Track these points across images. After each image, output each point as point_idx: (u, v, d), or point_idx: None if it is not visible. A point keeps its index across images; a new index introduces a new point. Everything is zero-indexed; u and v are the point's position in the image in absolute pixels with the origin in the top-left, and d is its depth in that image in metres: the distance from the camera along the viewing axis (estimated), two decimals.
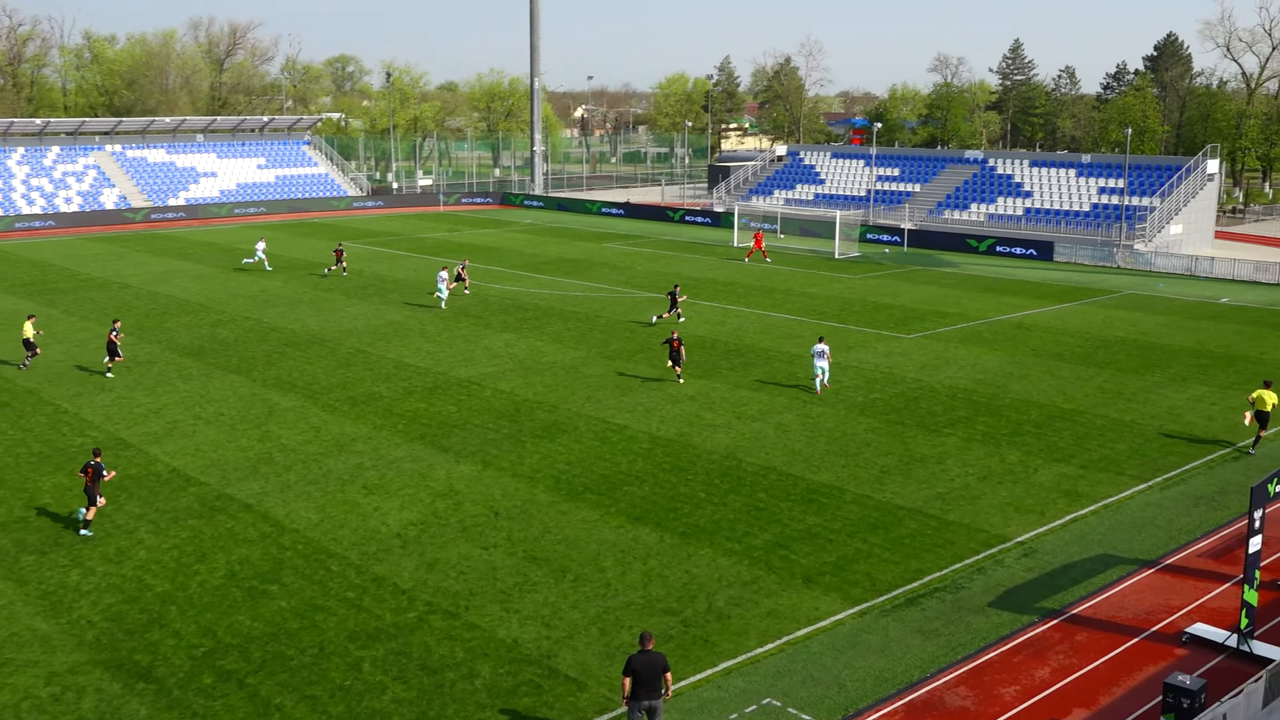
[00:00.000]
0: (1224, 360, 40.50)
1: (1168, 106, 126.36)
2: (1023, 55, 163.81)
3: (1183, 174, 73.61)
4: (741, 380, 37.02)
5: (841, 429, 31.61)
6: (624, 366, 38.82)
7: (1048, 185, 79.78)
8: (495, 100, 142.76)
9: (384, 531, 24.27)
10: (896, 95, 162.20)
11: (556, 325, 46.10)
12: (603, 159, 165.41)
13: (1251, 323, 47.77)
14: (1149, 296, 54.76)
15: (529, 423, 32.09)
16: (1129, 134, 75.93)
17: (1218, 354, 41.50)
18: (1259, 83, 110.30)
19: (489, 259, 66.14)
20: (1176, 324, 47.40)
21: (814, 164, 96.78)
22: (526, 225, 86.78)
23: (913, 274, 61.94)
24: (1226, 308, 51.63)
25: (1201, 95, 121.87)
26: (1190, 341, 43.73)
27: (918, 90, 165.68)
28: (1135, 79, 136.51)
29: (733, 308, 50.31)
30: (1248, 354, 41.54)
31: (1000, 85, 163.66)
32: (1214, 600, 21.29)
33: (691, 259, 67.16)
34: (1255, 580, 18.93)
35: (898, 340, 43.65)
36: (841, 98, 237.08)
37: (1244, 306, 51.91)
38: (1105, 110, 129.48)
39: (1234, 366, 39.52)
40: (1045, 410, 33.66)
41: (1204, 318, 48.91)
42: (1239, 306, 51.92)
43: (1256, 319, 48.69)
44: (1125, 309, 51.11)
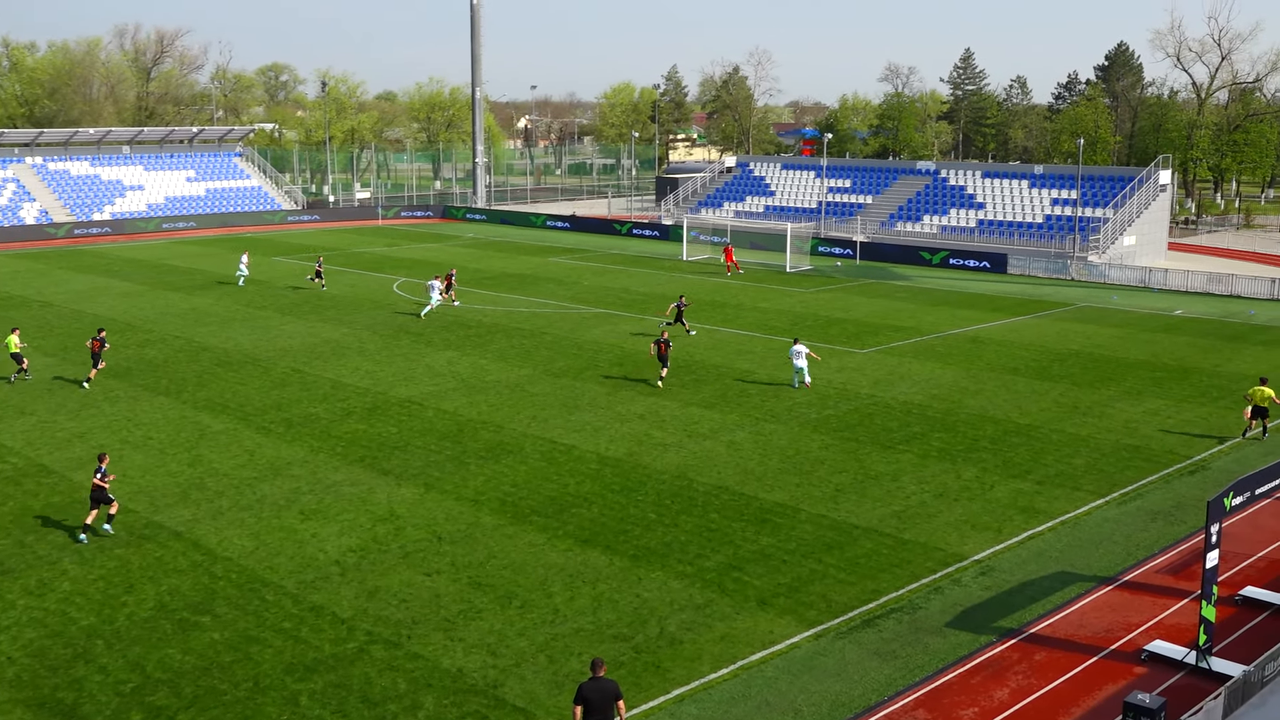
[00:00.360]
0: (1179, 373, 41.24)
1: (1119, 117, 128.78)
2: (974, 65, 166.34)
3: (1135, 185, 75.00)
4: (692, 398, 37.10)
5: (795, 447, 31.76)
6: (571, 385, 38.76)
7: (1000, 196, 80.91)
8: (435, 110, 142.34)
9: (322, 558, 24.01)
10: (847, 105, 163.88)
11: (501, 342, 45.95)
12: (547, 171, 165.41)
13: (1205, 335, 48.70)
14: (1103, 309, 55.65)
15: (473, 443, 31.92)
16: (1081, 144, 77.28)
17: (1172, 367, 42.25)
18: (1209, 93, 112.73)
19: (430, 274, 65.82)
20: (1131, 337, 48.20)
21: (764, 175, 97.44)
22: (469, 239, 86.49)
23: (865, 287, 62.49)
24: (1180, 320, 52.60)
25: (1153, 105, 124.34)
26: (1145, 354, 44.49)
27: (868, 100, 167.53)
28: (1087, 89, 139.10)
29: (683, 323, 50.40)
30: (1202, 366, 42.34)
31: (951, 95, 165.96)
32: (1172, 617, 21.61)
33: (639, 273, 67.27)
34: (1213, 596, 19.24)
35: (851, 355, 43.98)
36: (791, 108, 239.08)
37: (1198, 318, 52.92)
38: (1057, 120, 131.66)
39: (1189, 379, 40.25)
40: (1001, 425, 34.06)
41: (1158, 330, 49.79)
42: (1193, 318, 52.92)
43: (1210, 331, 49.65)
44: (1080, 322, 51.89)
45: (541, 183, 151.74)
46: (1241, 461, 30.75)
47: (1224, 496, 18.93)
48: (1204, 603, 19.20)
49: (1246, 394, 33.56)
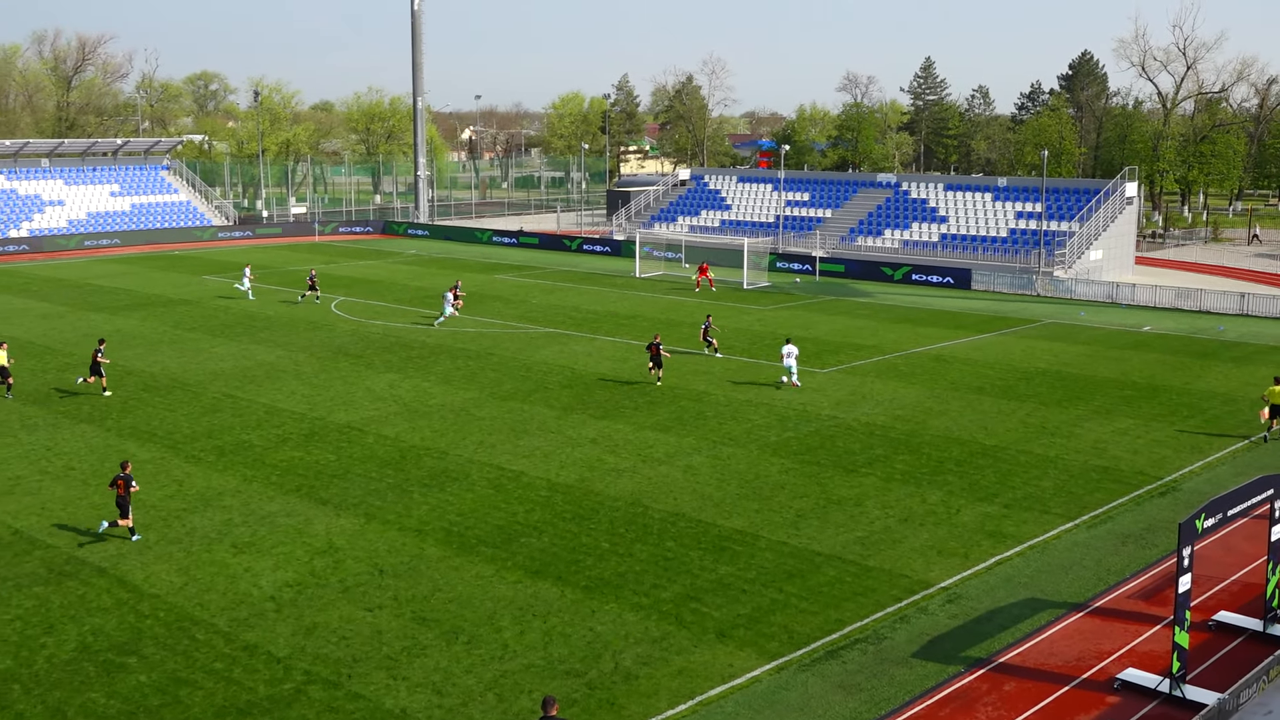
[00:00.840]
0: (1148, 391, 41.81)
1: (1084, 127, 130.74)
2: (934, 74, 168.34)
3: (1101, 197, 76.14)
4: (646, 420, 37.11)
5: (754, 471, 31.83)
6: (519, 408, 38.66)
7: (963, 210, 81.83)
8: (375, 121, 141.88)
9: (256, 594, 23.72)
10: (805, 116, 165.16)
11: (445, 364, 45.76)
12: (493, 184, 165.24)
13: (1175, 351, 49.45)
14: (1070, 325, 56.36)
15: (416, 471, 31.73)
16: (1045, 156, 78.41)
17: (1142, 385, 42.84)
18: (1174, 103, 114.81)
19: (369, 293, 65.47)
20: (1099, 354, 48.83)
21: (719, 188, 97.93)
22: (410, 256, 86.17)
23: (825, 304, 62.90)
24: (1149, 336, 53.38)
25: (1118, 116, 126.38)
26: (1114, 372, 45.08)
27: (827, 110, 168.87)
28: (1050, 99, 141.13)
29: (636, 343, 50.48)
30: (1172, 384, 42.96)
31: (912, 105, 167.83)
32: (1145, 644, 21.84)
33: (591, 291, 67.30)
34: (1186, 622, 19.46)
35: (811, 375, 44.21)
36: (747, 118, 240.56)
37: (1166, 335, 53.72)
38: (1020, 131, 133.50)
39: (1158, 397, 40.82)
40: (967, 447, 34.34)
41: (1127, 347, 50.49)
42: (1161, 335, 53.72)
43: (1180, 347, 50.41)
44: (1046, 339, 52.51)
45: (487, 196, 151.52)
46: (1213, 482, 31.20)
47: (1196, 518, 19.18)
48: (1177, 629, 19.42)
49: (1264, 395, 35.16)
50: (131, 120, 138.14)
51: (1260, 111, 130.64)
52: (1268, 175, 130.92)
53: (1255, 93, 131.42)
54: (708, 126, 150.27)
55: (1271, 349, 50.18)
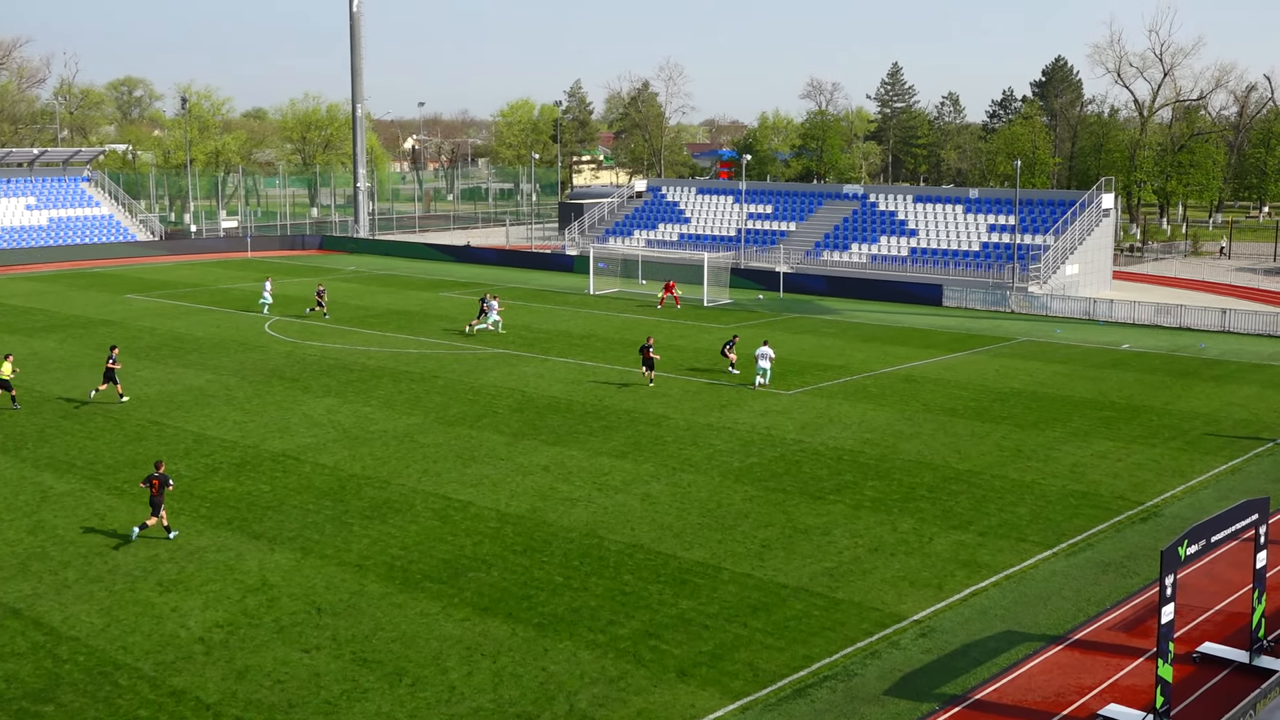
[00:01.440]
0: (1128, 412, 42.26)
1: (1058, 136, 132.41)
2: (903, 81, 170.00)
3: (1077, 209, 77.05)
4: (602, 446, 37.06)
5: (716, 499, 31.85)
6: (466, 434, 38.50)
7: (934, 223, 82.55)
8: (311, 130, 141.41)
9: (184, 636, 23.44)
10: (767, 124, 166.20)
11: (387, 388, 45.54)
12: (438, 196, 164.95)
13: (1155, 370, 50.03)
14: (1046, 344, 56.91)
15: (356, 502, 31.51)
16: (1018, 166, 79.18)
17: (1121, 405, 43.29)
18: (1151, 111, 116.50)
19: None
20: (1076, 373, 49.33)
21: (678, 200, 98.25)
22: (350, 273, 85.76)
23: (790, 322, 63.18)
24: (1128, 354, 53.99)
25: (1093, 124, 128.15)
26: (1091, 392, 45.54)
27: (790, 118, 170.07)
28: (1023, 106, 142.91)
29: (590, 363, 50.47)
30: (1152, 404, 43.45)
31: (879, 113, 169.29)
32: (1127, 677, 22.00)
33: (542, 309, 67.24)
34: (1170, 654, 19.63)
35: (775, 397, 44.35)
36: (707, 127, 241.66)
37: (1146, 353, 54.36)
38: (992, 140, 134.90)
39: (1139, 419, 41.27)
40: (939, 472, 34.54)
41: (1105, 366, 51.03)
42: (1141, 353, 54.35)
43: (1160, 366, 51.02)
44: (1021, 358, 53.00)
45: (431, 209, 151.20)
46: (1196, 507, 31.55)
47: (1178, 545, 19.37)
48: (1160, 661, 19.58)
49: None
50: (49, 129, 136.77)
51: (1240, 120, 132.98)
52: (1248, 186, 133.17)
53: (1234, 100, 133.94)
54: (665, 135, 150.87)
55: (1254, 367, 50.91)
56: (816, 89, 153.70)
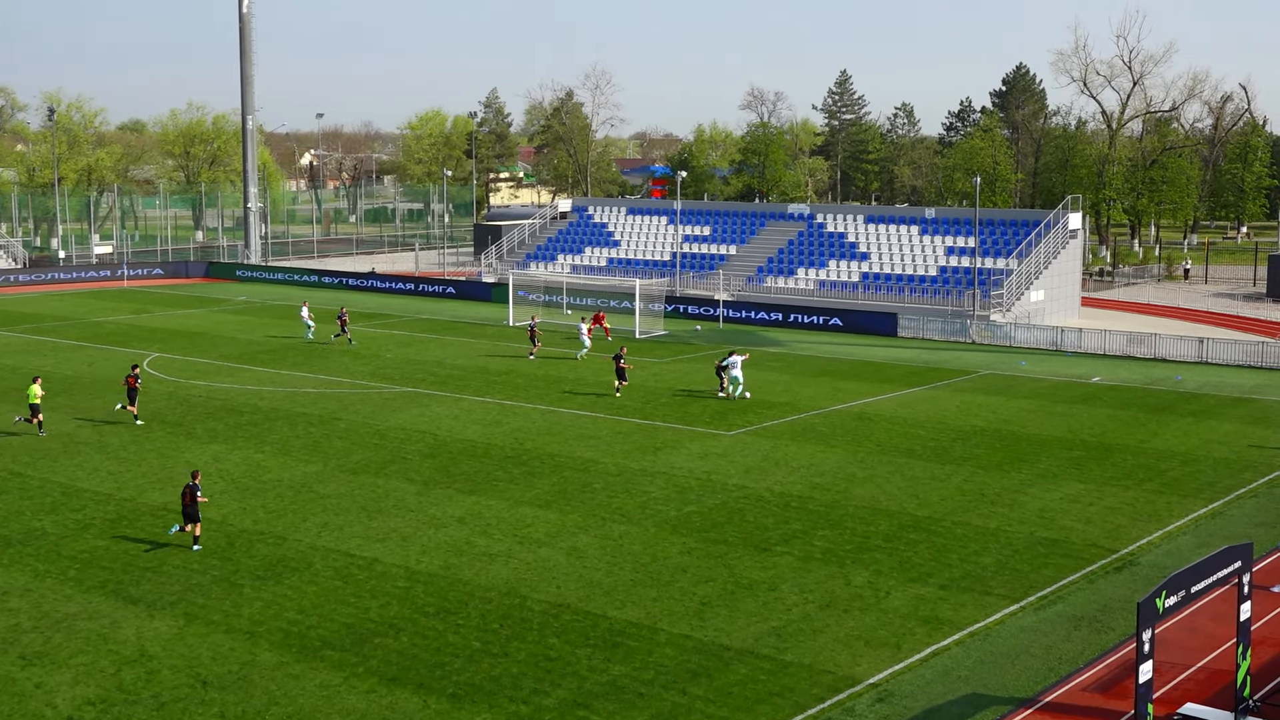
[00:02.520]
0: (1099, 451, 42.84)
1: (1021, 150, 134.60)
2: (851, 90, 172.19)
3: (1041, 230, 78.26)
4: (523, 495, 36.93)
5: (650, 552, 31.82)
6: (372, 483, 38.21)
7: (887, 245, 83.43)
8: (196, 144, 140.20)
9: (50, 715, 23.00)
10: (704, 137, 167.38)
11: (282, 432, 45.11)
12: (339, 217, 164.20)
13: (1127, 405, 50.80)
14: (1010, 377, 57.60)
15: (247, 560, 31.13)
16: (978, 183, 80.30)
17: (1092, 444, 43.88)
18: (1120, 123, 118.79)
19: (190, 347, 64.36)
20: (1043, 409, 49.96)
21: (606, 221, 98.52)
22: (240, 303, 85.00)
23: None
24: (1099, 388, 54.78)
25: (1058, 137, 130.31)
26: (1060, 430, 46.13)
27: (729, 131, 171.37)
28: (982, 118, 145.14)
29: (510, 403, 50.33)
30: (1125, 442, 44.08)
31: (827, 125, 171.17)
32: None
33: (456, 342, 66.99)
34: (1148, 716, 19.84)
35: (715, 438, 44.46)
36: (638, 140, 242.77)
37: (1118, 386, 55.19)
38: (949, 155, 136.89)
39: (1111, 458, 41.84)
40: (896, 519, 34.76)
41: (1074, 401, 51.73)
42: (1112, 386, 55.18)
43: (1132, 400, 51.81)
44: (984, 392, 53.58)
45: (332, 232, 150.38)
46: (1174, 554, 32.00)
47: (1156, 596, 19.61)
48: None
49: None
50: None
51: (1215, 133, 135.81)
52: (1224, 204, 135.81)
53: (1209, 111, 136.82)
54: (591, 150, 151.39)
55: (1235, 400, 51.85)
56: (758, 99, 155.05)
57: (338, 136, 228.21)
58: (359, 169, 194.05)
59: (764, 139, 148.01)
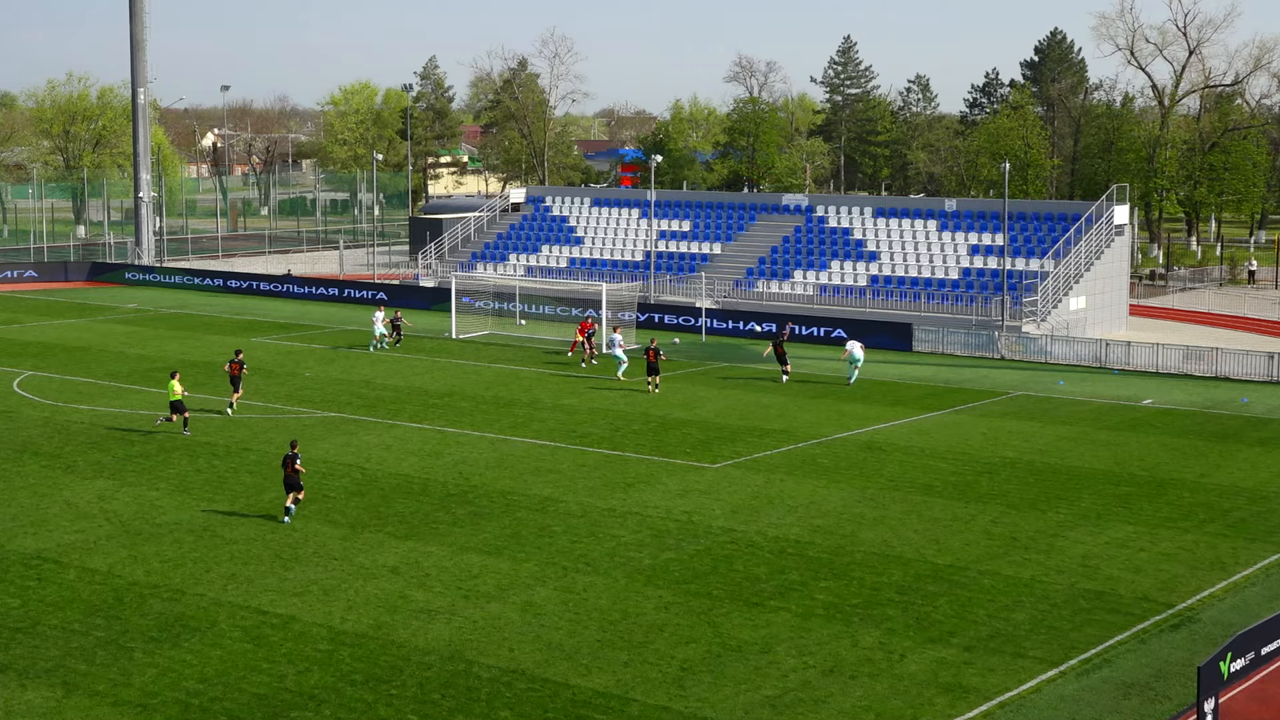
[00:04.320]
0: (1151, 487, 42.95)
1: (1057, 132, 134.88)
2: (857, 60, 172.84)
3: (1082, 225, 78.48)
4: (469, 540, 36.80)
5: (621, 607, 31.72)
6: (289, 525, 38.03)
7: (899, 243, 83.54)
8: (77, 122, 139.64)
9: None
10: (683, 115, 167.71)
11: (181, 465, 44.89)
12: (248, 209, 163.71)
13: (1184, 432, 50.96)
14: (1046, 399, 57.71)
15: (138, 619, 30.91)
16: (1007, 170, 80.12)
17: (1143, 478, 43.99)
18: (1174, 99, 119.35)
19: (70, 365, 63.99)
20: (1085, 437, 50.08)
21: (566, 214, 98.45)
22: (130, 312, 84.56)
23: (716, 374, 63.42)
24: (1150, 412, 54.94)
25: (1101, 116, 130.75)
26: (1105, 462, 46.24)
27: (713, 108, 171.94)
28: (1012, 93, 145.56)
29: (453, 430, 50.20)
30: (1182, 477, 44.21)
31: (828, 101, 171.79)
32: None
33: (388, 358, 66.77)
34: None
35: (698, 472, 44.41)
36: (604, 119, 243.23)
37: (1173, 410, 55.36)
38: (973, 137, 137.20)
39: (1165, 495, 41.95)
40: (911, 567, 34.74)
41: (1121, 427, 51.88)
42: (1166, 410, 55.34)
43: (1190, 427, 51.98)
44: (1015, 417, 53.66)
45: (240, 227, 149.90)
46: (1240, 609, 32.06)
47: (1219, 659, 19.65)
48: None
49: None
50: None
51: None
52: None
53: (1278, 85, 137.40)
54: (549, 129, 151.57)
55: None
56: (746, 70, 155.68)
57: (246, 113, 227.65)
58: (272, 152, 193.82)
59: (754, 117, 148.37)
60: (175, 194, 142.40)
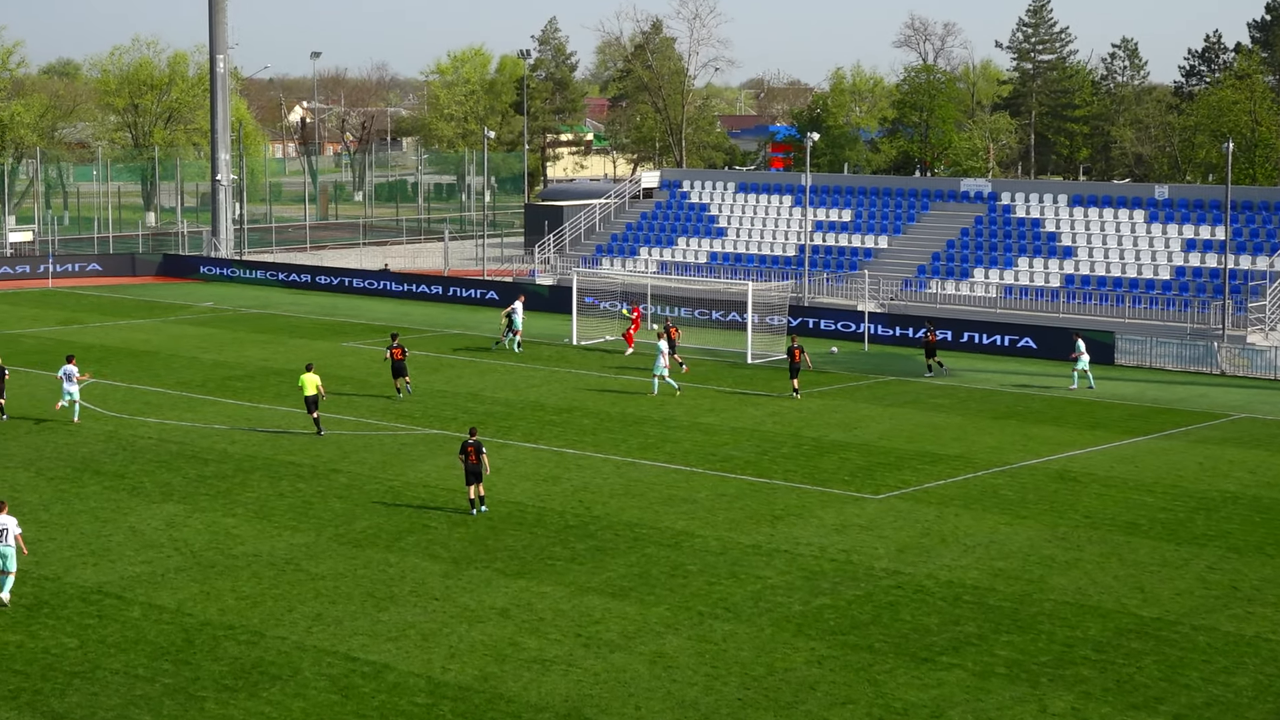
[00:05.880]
0: None
1: None
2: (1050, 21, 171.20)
3: None
4: (590, 579, 36.88)
5: (765, 661, 31.64)
6: (382, 559, 38.35)
7: (1100, 237, 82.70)
8: (147, 93, 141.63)
9: None
10: (844, 86, 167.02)
11: (261, 487, 45.42)
12: (341, 195, 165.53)
13: None
14: (1276, 422, 56.80)
15: (211, 665, 31.30)
16: (1230, 151, 78.99)
17: None
18: None
19: (138, 372, 65.02)
20: None
21: (707, 202, 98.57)
22: (205, 310, 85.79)
23: (880, 388, 63.13)
24: None
25: None
26: None
27: (879, 78, 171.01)
28: (1237, 60, 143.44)
29: (573, 451, 50.37)
30: None
31: (1015, 70, 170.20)
32: None
33: (500, 367, 67.13)
34: None
35: (858, 504, 44.22)
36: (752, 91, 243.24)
37: None
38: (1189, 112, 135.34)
39: None
40: (1111, 620, 34.34)
41: None
42: None
43: None
44: (1237, 444, 52.88)
45: (331, 215, 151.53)
46: None
47: None
48: None
49: None
50: None
51: None
52: None
53: None
54: (687, 104, 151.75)
55: None
56: (920, 33, 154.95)
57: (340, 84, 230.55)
58: (368, 129, 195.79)
59: (928, 88, 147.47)
60: (258, 177, 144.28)
